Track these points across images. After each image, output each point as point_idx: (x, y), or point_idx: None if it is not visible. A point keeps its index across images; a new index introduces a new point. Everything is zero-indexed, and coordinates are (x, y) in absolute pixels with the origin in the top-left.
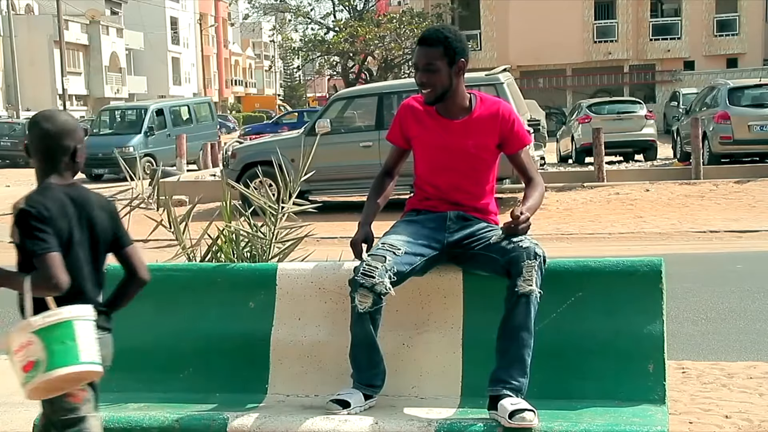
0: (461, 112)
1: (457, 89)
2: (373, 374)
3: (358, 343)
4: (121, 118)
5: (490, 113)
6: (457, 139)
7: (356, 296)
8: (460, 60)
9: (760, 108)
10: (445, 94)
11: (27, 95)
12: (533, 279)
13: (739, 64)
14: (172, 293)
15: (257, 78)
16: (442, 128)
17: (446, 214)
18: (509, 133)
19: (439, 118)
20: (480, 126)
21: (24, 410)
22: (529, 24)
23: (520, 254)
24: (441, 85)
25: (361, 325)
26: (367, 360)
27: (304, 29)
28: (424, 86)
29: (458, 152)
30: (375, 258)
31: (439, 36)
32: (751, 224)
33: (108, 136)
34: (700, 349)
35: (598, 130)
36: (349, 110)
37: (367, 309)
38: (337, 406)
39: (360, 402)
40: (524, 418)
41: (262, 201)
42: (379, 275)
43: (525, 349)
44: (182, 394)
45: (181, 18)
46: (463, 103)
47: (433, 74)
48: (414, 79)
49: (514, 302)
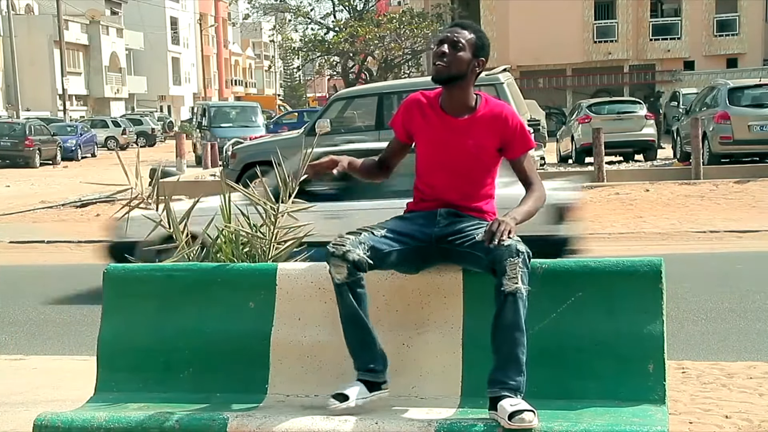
0: (465, 111)
1: (467, 84)
2: (369, 357)
3: (345, 321)
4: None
5: (494, 115)
6: (458, 137)
7: (331, 269)
8: (481, 57)
9: (760, 108)
10: (455, 80)
11: (27, 95)
12: (518, 276)
13: (739, 64)
14: (172, 293)
15: (257, 78)
16: (444, 125)
17: (437, 210)
18: (512, 137)
19: (443, 114)
20: (482, 127)
21: (24, 410)
22: (529, 24)
23: (502, 253)
24: (457, 67)
25: (343, 301)
26: (359, 340)
27: (304, 29)
28: (442, 58)
29: (457, 150)
30: (349, 233)
31: (475, 27)
32: (751, 224)
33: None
34: (700, 349)
35: (598, 130)
36: (349, 110)
37: (343, 280)
38: (334, 401)
39: (363, 394)
40: (523, 419)
41: (262, 201)
42: (351, 244)
43: (518, 347)
44: (182, 394)
45: (181, 18)
46: (468, 101)
47: (456, 52)
48: (431, 64)
49: (501, 301)
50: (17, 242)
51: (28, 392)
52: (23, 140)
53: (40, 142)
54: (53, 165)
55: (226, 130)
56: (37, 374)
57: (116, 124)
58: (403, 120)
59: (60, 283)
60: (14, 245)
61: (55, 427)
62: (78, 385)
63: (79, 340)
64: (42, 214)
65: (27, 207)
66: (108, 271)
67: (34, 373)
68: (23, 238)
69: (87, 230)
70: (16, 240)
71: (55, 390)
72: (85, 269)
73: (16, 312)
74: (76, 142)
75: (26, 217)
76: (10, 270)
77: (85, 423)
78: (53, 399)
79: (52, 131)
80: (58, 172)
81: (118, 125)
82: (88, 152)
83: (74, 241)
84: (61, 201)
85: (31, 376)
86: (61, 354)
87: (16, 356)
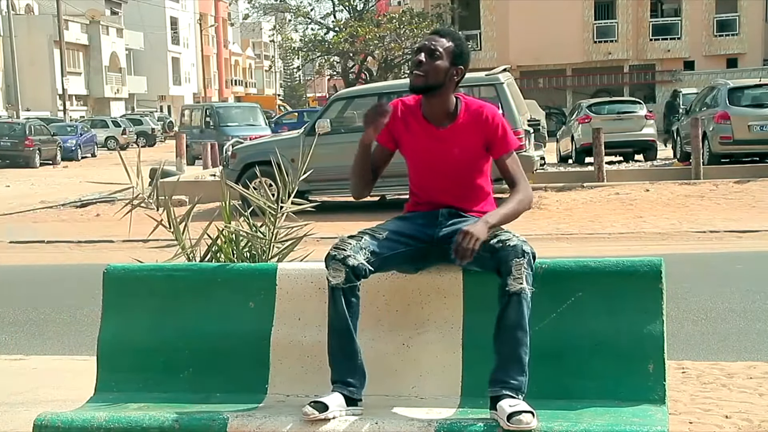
0: (446, 118)
1: (446, 92)
2: (346, 368)
3: (331, 329)
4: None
5: (475, 118)
6: (442, 146)
7: (329, 271)
8: (460, 66)
9: (760, 108)
10: (433, 89)
11: (27, 95)
12: (523, 277)
13: (739, 64)
14: (172, 293)
15: (257, 78)
16: (427, 134)
17: (438, 211)
18: (493, 137)
19: (426, 123)
20: (465, 132)
21: (24, 410)
22: (529, 24)
23: (507, 253)
24: (434, 76)
25: (335, 306)
26: (340, 348)
27: (304, 29)
28: (419, 67)
29: (444, 159)
30: (352, 237)
31: (454, 35)
32: (751, 224)
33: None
34: (700, 349)
35: (598, 130)
36: (349, 110)
37: (339, 284)
38: (313, 410)
39: (340, 406)
40: (521, 421)
41: (261, 201)
42: (352, 249)
43: (521, 347)
44: (182, 394)
45: (181, 18)
46: (448, 108)
47: (433, 61)
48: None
49: (506, 301)
50: (17, 242)
51: (28, 392)
52: (23, 140)
53: (40, 142)
54: (53, 165)
55: (233, 128)
56: (37, 374)
57: (116, 124)
58: (389, 129)
59: (60, 283)
60: (14, 245)
61: (55, 427)
62: (78, 385)
63: (79, 340)
64: (42, 214)
65: (27, 207)
66: (108, 271)
67: (34, 373)
68: (23, 238)
69: (87, 230)
70: (16, 240)
71: (55, 390)
72: (85, 269)
73: (16, 312)
74: (76, 142)
75: (26, 217)
76: (10, 270)
77: (85, 423)
78: (53, 399)
79: (52, 131)
80: (58, 172)
81: (118, 125)
82: (88, 152)
83: (74, 241)
84: (61, 201)
85: (31, 376)
86: (61, 354)
87: (16, 356)
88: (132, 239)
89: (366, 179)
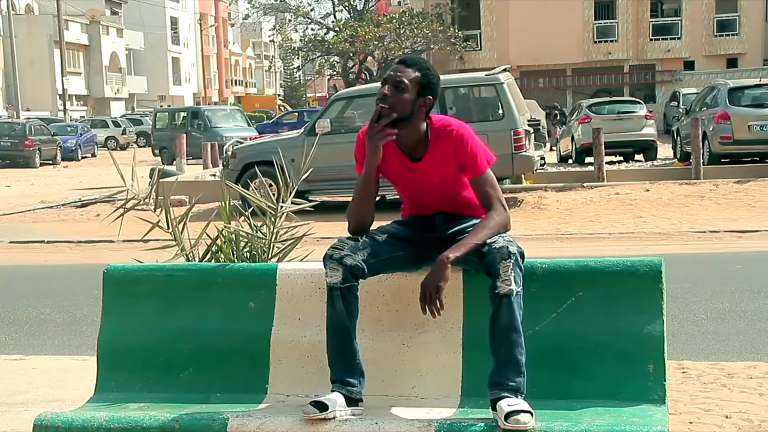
0: (420, 146)
1: (416, 123)
2: (345, 368)
3: (330, 328)
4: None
5: (445, 142)
6: (421, 177)
7: (327, 270)
8: (428, 96)
9: (760, 108)
10: (400, 122)
11: (27, 95)
12: (511, 278)
13: (739, 64)
14: (172, 293)
15: (257, 78)
16: (405, 167)
17: (434, 215)
18: (464, 160)
19: (400, 154)
20: (440, 160)
21: (24, 410)
22: (529, 24)
23: (494, 256)
24: (400, 109)
25: (333, 305)
26: (339, 348)
27: (304, 29)
28: (384, 101)
29: (425, 187)
30: (350, 237)
31: (421, 64)
32: (751, 224)
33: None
34: (700, 349)
35: (598, 130)
36: (349, 110)
37: (337, 283)
38: (313, 410)
39: (340, 405)
40: (518, 420)
41: (261, 201)
42: (350, 249)
43: (515, 348)
44: (182, 394)
45: (181, 18)
46: (420, 136)
47: (399, 93)
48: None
49: (497, 304)
50: (17, 242)
51: (28, 392)
52: (23, 140)
53: (40, 142)
54: (53, 165)
55: (224, 129)
56: (37, 374)
57: (116, 124)
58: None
59: (60, 283)
60: (14, 245)
61: (55, 427)
62: (78, 385)
63: (79, 340)
64: (42, 214)
65: (27, 207)
66: (108, 271)
67: (34, 373)
68: (23, 238)
69: (87, 230)
70: (16, 240)
71: (55, 390)
72: (85, 269)
73: (16, 312)
74: (76, 142)
75: (26, 217)
76: (10, 270)
77: (85, 423)
78: (53, 399)
79: (52, 131)
80: (58, 172)
81: (118, 125)
82: (88, 152)
83: (74, 241)
84: (61, 201)
85: (31, 376)
86: (61, 354)
87: (16, 356)
88: (132, 239)
89: (372, 211)
